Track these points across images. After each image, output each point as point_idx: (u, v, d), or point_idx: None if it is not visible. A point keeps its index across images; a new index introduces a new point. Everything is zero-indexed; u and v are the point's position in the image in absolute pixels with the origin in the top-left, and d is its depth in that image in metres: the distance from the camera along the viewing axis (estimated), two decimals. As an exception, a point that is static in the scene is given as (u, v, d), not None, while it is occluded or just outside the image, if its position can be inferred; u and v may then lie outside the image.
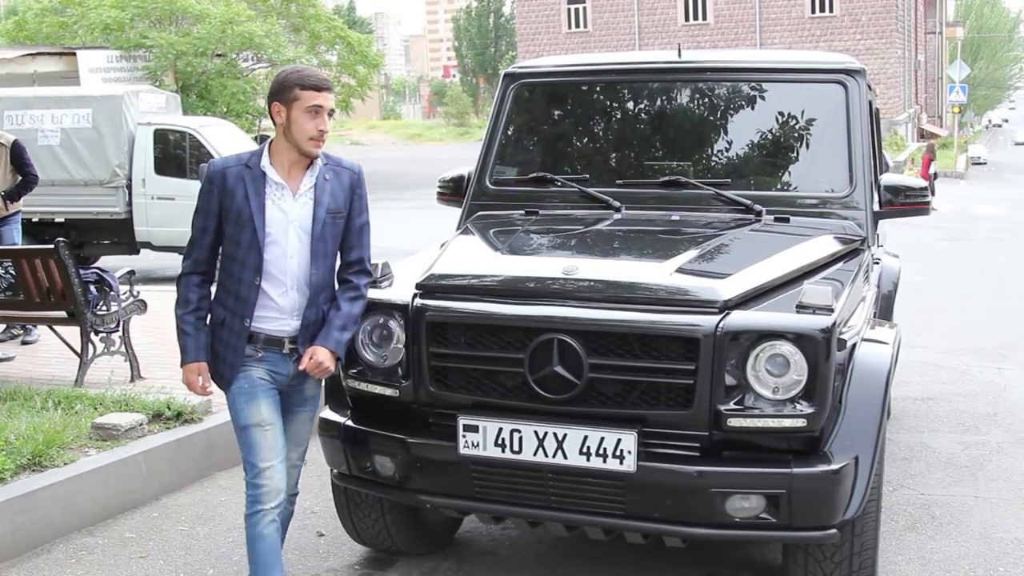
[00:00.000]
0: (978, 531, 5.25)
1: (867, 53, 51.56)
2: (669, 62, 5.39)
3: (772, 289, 3.96)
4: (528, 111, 5.60)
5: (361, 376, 4.12)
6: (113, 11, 29.35)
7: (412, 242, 14.10)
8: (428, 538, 4.83)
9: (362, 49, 35.34)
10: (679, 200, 4.92)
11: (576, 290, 3.86)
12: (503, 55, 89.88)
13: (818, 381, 3.59)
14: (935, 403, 7.72)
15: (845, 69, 5.13)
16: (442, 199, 5.58)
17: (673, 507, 3.69)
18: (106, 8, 29.40)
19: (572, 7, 59.32)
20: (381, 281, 4.20)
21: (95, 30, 29.78)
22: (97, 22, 29.47)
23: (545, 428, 3.75)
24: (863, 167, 4.89)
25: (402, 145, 63.06)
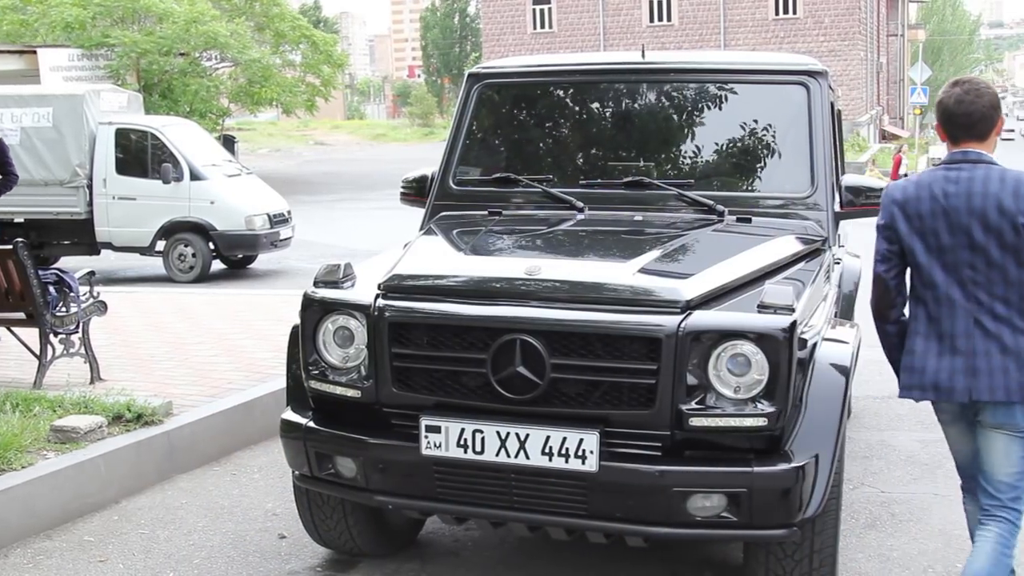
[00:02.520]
0: (937, 528, 5.30)
1: (830, 55, 51.90)
2: (633, 63, 5.41)
3: (734, 289, 3.98)
4: (492, 111, 5.60)
5: (323, 377, 4.10)
6: (75, 9, 29.10)
7: (375, 243, 14.10)
8: (390, 539, 4.82)
9: (327, 48, 35.23)
10: (642, 201, 4.93)
11: (539, 290, 3.86)
12: (468, 55, 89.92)
13: (779, 380, 3.61)
14: (895, 402, 7.74)
15: (807, 71, 5.16)
16: (405, 199, 5.57)
17: (635, 507, 3.70)
18: (68, 6, 29.14)
19: (537, 8, 59.37)
20: (343, 282, 4.18)
21: (56, 28, 29.53)
22: (58, 20, 29.21)
23: (507, 428, 3.74)
24: (825, 168, 4.93)
25: (366, 145, 62.82)
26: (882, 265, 3.86)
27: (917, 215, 3.74)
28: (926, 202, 3.72)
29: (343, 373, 4.07)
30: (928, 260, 3.75)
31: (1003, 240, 3.63)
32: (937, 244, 3.72)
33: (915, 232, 3.75)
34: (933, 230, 3.72)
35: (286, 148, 54.55)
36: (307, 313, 4.13)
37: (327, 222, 22.30)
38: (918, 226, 3.74)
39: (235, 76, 32.99)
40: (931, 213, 3.71)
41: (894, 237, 3.81)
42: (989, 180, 3.65)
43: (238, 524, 5.32)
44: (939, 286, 3.74)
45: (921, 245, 3.75)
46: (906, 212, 3.76)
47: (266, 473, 6.08)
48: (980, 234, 3.65)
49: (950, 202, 3.68)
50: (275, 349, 7.66)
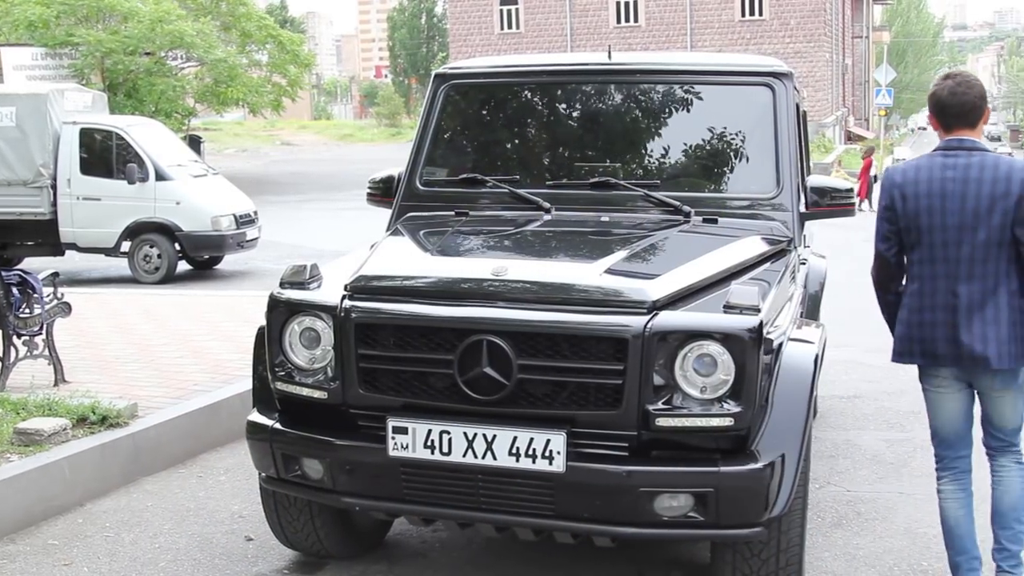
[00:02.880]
0: (902, 526, 5.34)
1: (796, 56, 52.19)
2: (599, 64, 5.42)
3: (700, 289, 3.99)
4: (459, 112, 5.59)
5: (289, 378, 4.08)
6: (38, 7, 28.81)
7: (342, 243, 14.06)
8: (358, 541, 4.80)
9: (293, 48, 35.06)
10: (609, 201, 4.94)
11: (505, 291, 3.86)
12: (435, 55, 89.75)
13: (745, 380, 3.63)
14: (861, 401, 7.83)
15: (772, 72, 5.19)
16: (372, 200, 5.56)
17: (602, 507, 3.70)
18: (31, 4, 28.84)
19: (504, 8, 59.40)
20: (309, 283, 4.16)
21: (19, 27, 29.23)
22: (22, 19, 28.91)
23: (474, 429, 3.74)
24: (790, 169, 4.95)
25: (333, 145, 62.60)
26: (883, 244, 4.26)
27: (915, 196, 4.10)
28: (924, 184, 4.09)
29: (309, 374, 4.05)
30: (926, 239, 4.10)
31: (994, 222, 4.00)
32: (933, 224, 4.07)
33: (914, 212, 4.11)
34: (929, 210, 4.07)
35: (252, 148, 54.29)
36: (273, 314, 4.12)
37: (294, 223, 22.22)
38: (915, 207, 4.10)
39: (201, 76, 32.78)
40: (928, 195, 4.07)
41: (894, 218, 4.18)
42: (984, 167, 4.03)
43: (204, 526, 5.29)
44: (927, 261, 4.12)
45: (919, 224, 4.10)
46: (905, 193, 4.13)
47: (232, 475, 6.05)
48: (974, 216, 4.01)
49: (947, 186, 4.05)
50: (241, 350, 7.62)
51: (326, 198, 29.42)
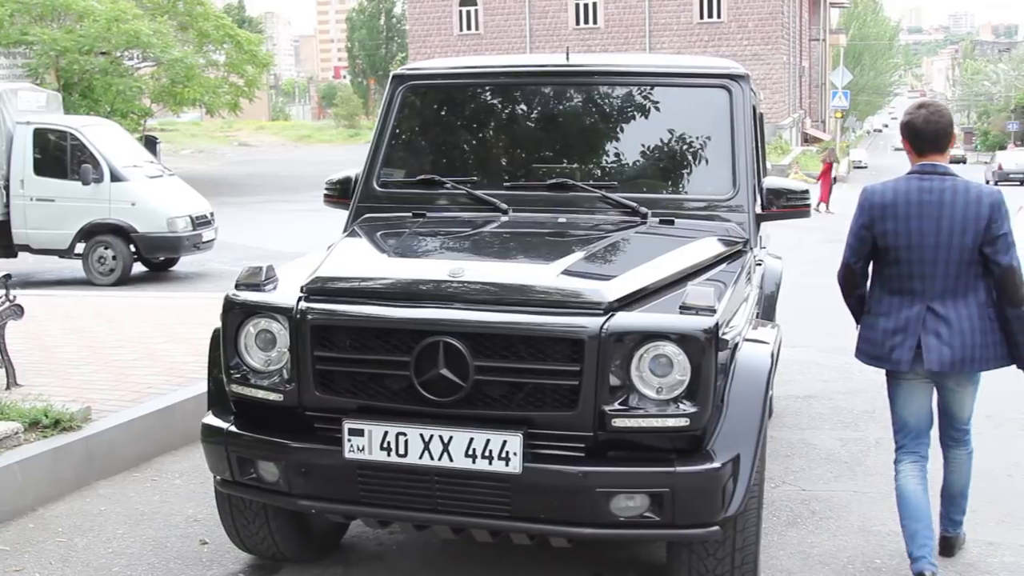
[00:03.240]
0: (856, 525, 5.38)
1: (753, 59, 52.58)
2: (557, 66, 5.43)
3: (657, 290, 4.00)
4: (416, 113, 5.58)
5: (244, 381, 4.05)
6: (-8, 6, 28.54)
7: (299, 245, 13.99)
8: (314, 544, 4.77)
9: (251, 48, 34.88)
10: (566, 202, 4.95)
11: (462, 292, 3.85)
12: (394, 56, 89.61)
13: (701, 381, 3.64)
14: (816, 401, 7.89)
15: (730, 74, 5.22)
16: (329, 201, 5.54)
17: (559, 507, 3.70)
18: (-16, 3, 28.57)
19: (464, 9, 59.43)
20: (265, 284, 4.14)
21: (-28, 26, 28.91)
22: (-26, 18, 28.61)
23: (431, 431, 3.73)
24: (746, 171, 4.98)
25: (291, 146, 62.38)
26: (854, 257, 4.63)
27: (894, 217, 4.45)
28: (903, 207, 4.44)
29: (265, 376, 4.03)
30: (904, 256, 4.46)
31: (964, 241, 4.38)
32: (911, 244, 4.43)
33: (894, 232, 4.45)
34: (908, 232, 4.42)
35: (209, 149, 53.97)
36: (228, 316, 4.09)
37: (251, 224, 22.10)
38: (894, 227, 4.45)
39: (157, 76, 32.55)
40: (907, 217, 4.43)
41: (868, 237, 4.54)
42: (957, 191, 4.41)
43: (158, 531, 5.24)
44: (905, 277, 4.49)
45: (898, 244, 4.45)
46: (885, 215, 4.47)
47: (187, 478, 6.00)
48: (949, 236, 4.39)
49: (925, 209, 4.41)
50: (197, 353, 7.56)
51: (283, 199, 29.30)
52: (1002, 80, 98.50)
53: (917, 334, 4.46)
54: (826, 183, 30.39)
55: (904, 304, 4.49)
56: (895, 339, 4.51)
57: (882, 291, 4.59)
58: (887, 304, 4.55)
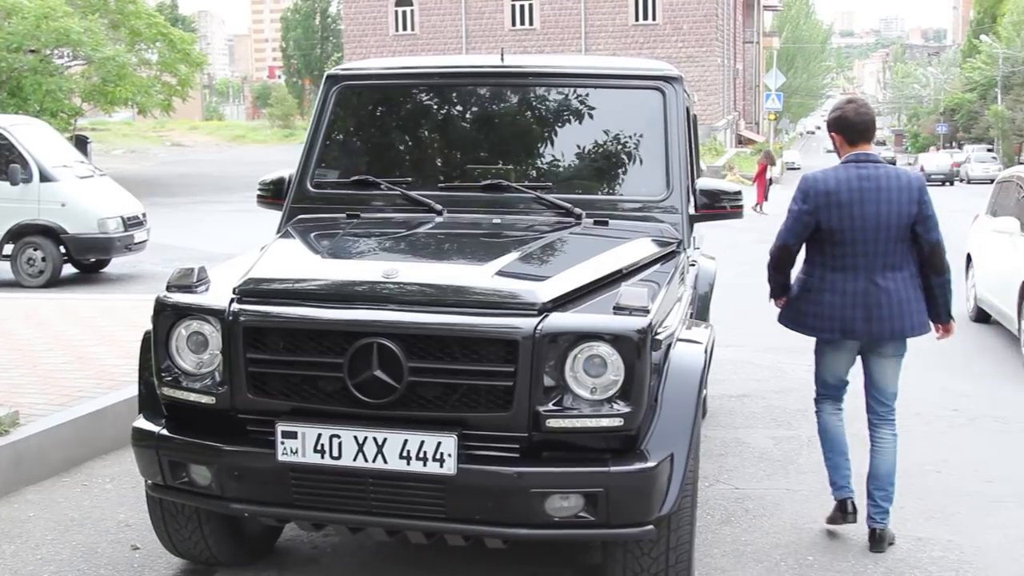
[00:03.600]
0: (789, 522, 5.44)
1: (688, 61, 52.99)
2: (492, 67, 5.43)
3: (591, 291, 4.02)
4: (351, 113, 5.56)
5: (176, 384, 4.01)
6: (-85, 3, 27.97)
7: (233, 246, 13.84)
8: (248, 548, 4.74)
9: (184, 47, 34.47)
10: (501, 203, 4.96)
11: (396, 294, 3.84)
12: (330, 56, 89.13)
13: (634, 381, 3.66)
14: (750, 400, 7.97)
15: (663, 76, 5.25)
16: (262, 202, 5.49)
17: (493, 508, 3.71)
18: (-92, 0, 27.99)
19: (399, 9, 59.29)
20: (197, 286, 4.10)
21: None
22: (-102, 14, 28.02)
23: (365, 433, 3.72)
24: (680, 172, 5.02)
25: (225, 147, 61.76)
26: (793, 239, 5.09)
27: (838, 204, 4.92)
28: (845, 193, 4.92)
29: (197, 379, 3.99)
30: (842, 236, 4.94)
31: (900, 221, 4.92)
32: (855, 226, 4.91)
33: (838, 217, 4.92)
34: (851, 215, 4.91)
35: (142, 149, 53.28)
36: (159, 318, 4.04)
37: (184, 225, 21.85)
38: (838, 212, 4.92)
39: (88, 75, 32.05)
40: (850, 203, 4.91)
41: (812, 222, 4.99)
42: (890, 176, 4.96)
43: (89, 536, 5.16)
44: (849, 255, 4.97)
45: (843, 226, 4.92)
46: (829, 201, 4.94)
47: (118, 483, 5.92)
48: (887, 217, 4.91)
49: (865, 195, 4.92)
50: (128, 356, 7.46)
51: (217, 200, 29.01)
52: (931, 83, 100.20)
53: (864, 305, 4.96)
54: (761, 184, 30.73)
55: (848, 279, 4.98)
56: (844, 312, 4.99)
57: (824, 269, 5.05)
58: (831, 280, 5.02)
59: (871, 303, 4.97)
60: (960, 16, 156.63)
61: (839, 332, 5.06)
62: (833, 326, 5.05)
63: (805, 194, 5.00)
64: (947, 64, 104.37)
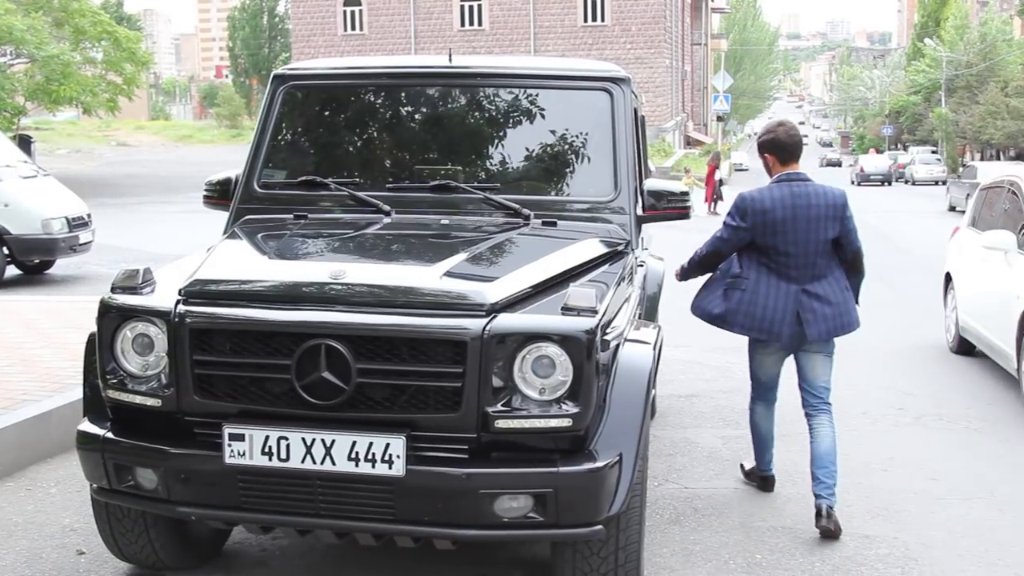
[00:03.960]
0: (738, 521, 5.48)
1: (637, 62, 53.23)
2: (440, 67, 5.42)
3: (539, 292, 4.02)
4: (298, 113, 5.52)
5: (121, 386, 3.96)
6: None
7: (180, 247, 13.71)
8: (195, 551, 4.69)
9: (130, 46, 34.15)
10: (449, 204, 4.95)
11: (344, 295, 3.83)
12: (277, 56, 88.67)
13: (583, 381, 3.67)
14: (698, 400, 8.01)
15: (611, 77, 5.26)
16: (208, 203, 5.44)
17: (443, 510, 3.70)
18: None
19: (348, 9, 59.08)
20: (142, 287, 4.05)
21: None
22: None
23: (313, 435, 3.70)
24: (627, 173, 5.04)
25: (172, 147, 61.27)
26: (726, 248, 5.47)
27: (773, 221, 5.29)
28: (780, 211, 5.30)
29: (143, 382, 3.95)
30: (776, 249, 5.32)
31: (828, 233, 5.35)
32: (787, 239, 5.30)
33: (772, 231, 5.30)
34: (784, 230, 5.29)
35: (87, 149, 52.70)
36: (104, 320, 4.00)
37: (130, 226, 21.64)
38: (772, 228, 5.30)
39: (32, 73, 31.67)
40: (784, 219, 5.29)
41: (747, 237, 5.36)
42: (818, 194, 5.37)
43: (33, 541, 5.09)
44: (782, 266, 5.34)
45: (776, 240, 5.30)
46: (766, 219, 5.30)
47: (63, 487, 5.85)
48: (816, 231, 5.32)
49: (799, 212, 5.31)
50: (72, 358, 7.38)
51: (163, 200, 28.76)
52: (877, 86, 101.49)
53: (794, 311, 5.34)
54: (711, 185, 30.95)
55: (782, 286, 5.35)
56: (775, 315, 5.35)
57: (759, 273, 5.40)
58: (766, 285, 5.37)
59: (801, 309, 5.33)
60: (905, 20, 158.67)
61: (765, 335, 5.42)
62: (762, 327, 5.40)
63: (743, 212, 5.35)
64: (892, 67, 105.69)
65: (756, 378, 5.74)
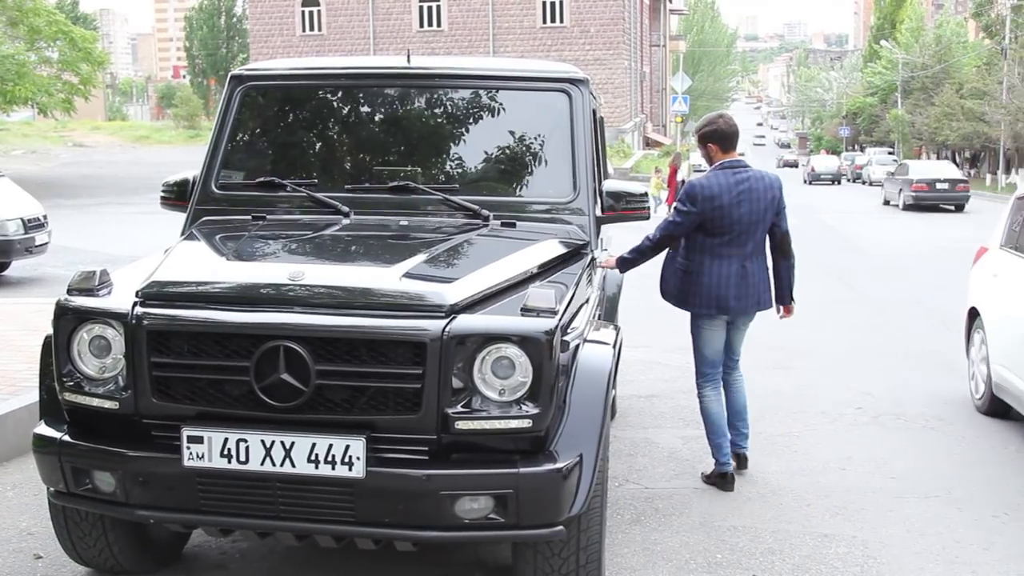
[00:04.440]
0: (698, 521, 5.51)
1: (595, 63, 53.35)
2: (399, 68, 5.40)
3: (498, 293, 4.03)
4: (256, 114, 5.49)
5: (78, 389, 3.93)
6: None
7: (137, 248, 13.61)
8: (154, 555, 4.66)
9: (86, 46, 33.84)
10: (408, 205, 4.94)
11: (303, 296, 3.81)
12: (235, 56, 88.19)
13: (542, 382, 3.67)
14: (658, 400, 8.04)
15: (569, 79, 5.27)
16: (166, 204, 5.41)
17: (403, 511, 3.70)
18: None
19: (306, 10, 58.82)
20: (99, 289, 4.02)
21: None
22: None
23: (272, 437, 3.68)
24: (586, 174, 5.05)
25: (129, 147, 60.70)
26: (678, 230, 5.88)
27: (720, 206, 5.74)
28: (726, 196, 5.76)
29: (100, 384, 3.92)
30: (722, 231, 5.78)
31: (767, 216, 5.89)
32: (733, 221, 5.77)
33: (719, 215, 5.75)
34: (729, 214, 5.76)
35: (43, 150, 52.14)
36: (60, 322, 3.96)
37: (87, 227, 21.44)
38: (720, 212, 5.75)
39: (-13, 73, 31.33)
40: (729, 204, 5.75)
41: (697, 220, 5.77)
42: (759, 179, 5.88)
43: (-12, 546, 5.05)
44: (726, 245, 5.82)
45: (722, 223, 5.76)
46: (713, 204, 5.74)
47: (20, 491, 5.79)
48: (758, 213, 5.84)
49: (742, 196, 5.79)
50: (29, 361, 7.30)
51: (121, 202, 28.51)
52: (834, 87, 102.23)
53: (736, 285, 5.87)
54: (673, 186, 31.08)
55: (724, 264, 5.84)
56: (720, 291, 5.84)
57: (703, 255, 5.87)
58: (709, 265, 5.85)
59: (741, 283, 5.88)
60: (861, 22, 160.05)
61: (715, 308, 5.91)
62: (711, 303, 5.90)
63: (693, 199, 5.77)
64: (849, 69, 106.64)
65: (703, 356, 6.11)
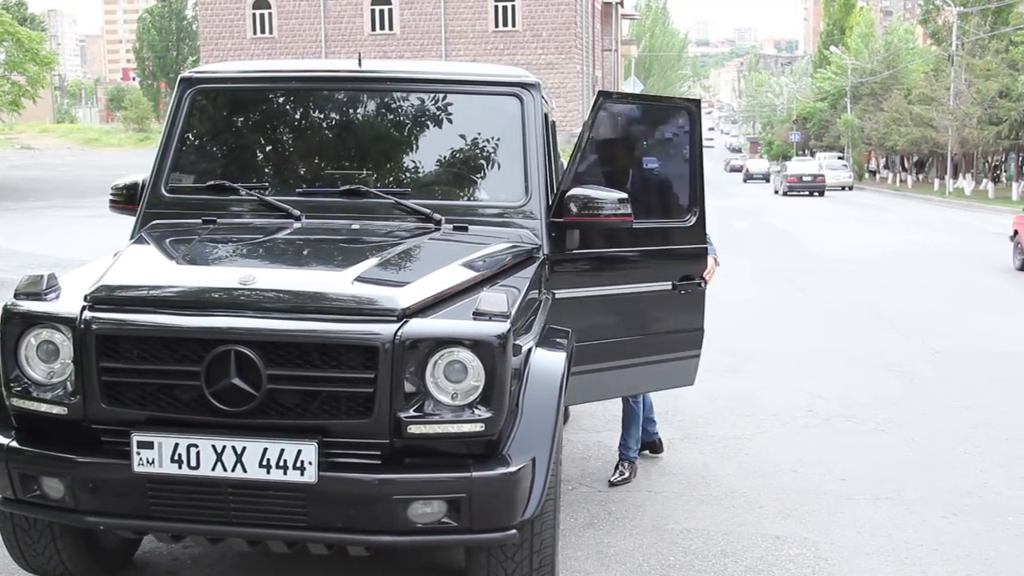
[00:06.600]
0: (651, 524, 5.53)
1: (548, 68, 53.52)
2: (350, 71, 5.38)
3: (450, 297, 4.03)
4: (207, 117, 5.45)
5: (26, 394, 3.88)
6: None
7: (86, 252, 13.48)
8: (104, 562, 4.61)
9: (33, 46, 33.50)
10: (360, 209, 4.92)
11: (253, 300, 3.79)
12: (185, 59, 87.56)
13: (495, 386, 3.68)
14: (611, 403, 8.03)
15: (520, 83, 5.27)
16: (115, 207, 5.36)
17: (356, 516, 3.69)
18: None
19: (257, 12, 58.56)
20: (47, 293, 3.97)
21: None
22: None
23: (223, 442, 3.66)
24: (538, 178, 5.05)
25: (78, 150, 60.04)
26: None
27: None
28: None
29: (48, 389, 3.87)
30: None
31: None
32: None
33: None
34: None
35: (-11, 152, 51.53)
36: (7, 327, 3.91)
37: (34, 230, 21.20)
38: None
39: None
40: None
41: None
42: None
43: (-67, 554, 4.96)
44: None
45: None
46: None
47: (-35, 498, 5.69)
48: None
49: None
50: (-25, 366, 7.19)
51: (69, 205, 28.20)
52: (784, 92, 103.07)
53: None
54: None
55: None
56: None
57: None
58: None
59: None
60: (811, 27, 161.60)
61: None
62: None
63: None
64: (799, 74, 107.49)
65: None
